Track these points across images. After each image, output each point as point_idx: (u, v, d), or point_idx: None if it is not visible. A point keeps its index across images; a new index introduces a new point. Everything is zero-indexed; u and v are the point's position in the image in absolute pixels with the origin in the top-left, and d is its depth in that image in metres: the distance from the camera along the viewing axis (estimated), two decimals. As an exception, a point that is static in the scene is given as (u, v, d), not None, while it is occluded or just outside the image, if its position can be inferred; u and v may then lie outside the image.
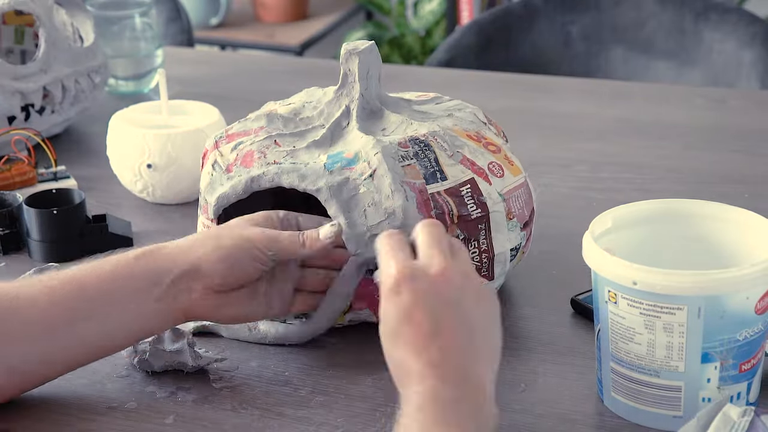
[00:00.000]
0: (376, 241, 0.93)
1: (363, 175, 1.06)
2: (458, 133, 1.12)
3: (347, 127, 1.12)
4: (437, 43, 3.36)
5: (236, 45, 3.36)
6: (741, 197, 1.36)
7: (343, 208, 1.06)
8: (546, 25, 2.08)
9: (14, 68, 1.49)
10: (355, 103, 1.12)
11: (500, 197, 1.09)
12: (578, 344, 1.09)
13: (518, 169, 1.13)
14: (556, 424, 0.99)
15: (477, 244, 1.08)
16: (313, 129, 1.13)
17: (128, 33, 1.72)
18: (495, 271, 1.10)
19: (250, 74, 1.85)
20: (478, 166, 1.10)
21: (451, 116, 1.15)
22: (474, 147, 1.11)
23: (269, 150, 1.11)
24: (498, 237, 1.09)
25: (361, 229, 1.06)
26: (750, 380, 0.97)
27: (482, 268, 1.10)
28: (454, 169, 1.08)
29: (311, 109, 1.15)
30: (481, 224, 1.08)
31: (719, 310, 0.93)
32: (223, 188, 1.11)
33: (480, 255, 1.09)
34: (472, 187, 1.08)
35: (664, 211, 1.04)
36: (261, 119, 1.14)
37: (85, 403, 1.03)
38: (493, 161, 1.11)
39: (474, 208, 1.07)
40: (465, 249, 0.93)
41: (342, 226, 1.05)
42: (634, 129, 1.60)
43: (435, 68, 1.99)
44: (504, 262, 1.11)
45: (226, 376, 1.05)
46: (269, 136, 1.12)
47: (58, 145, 1.52)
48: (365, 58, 1.12)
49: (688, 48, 2.00)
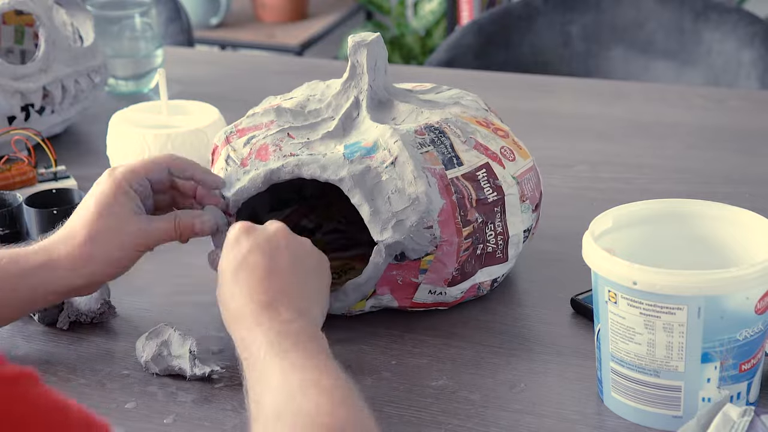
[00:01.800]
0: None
1: (384, 163, 1.08)
2: (468, 119, 1.14)
3: (358, 117, 1.14)
4: (437, 43, 3.36)
5: (236, 45, 3.36)
6: (741, 197, 1.36)
7: (366, 196, 1.07)
8: (546, 25, 2.08)
9: (14, 68, 1.49)
10: (364, 94, 1.14)
11: (514, 180, 1.12)
12: (578, 344, 1.09)
13: (526, 153, 1.16)
14: (556, 424, 0.99)
15: (493, 226, 1.10)
16: (323, 121, 1.14)
17: (128, 33, 1.72)
18: (509, 253, 1.13)
19: (250, 74, 1.85)
20: (491, 150, 1.12)
21: (457, 104, 1.17)
22: (485, 133, 1.13)
23: (284, 143, 1.12)
24: (512, 219, 1.11)
25: (387, 215, 1.06)
26: (750, 380, 0.97)
27: (497, 251, 1.11)
28: (468, 154, 1.10)
29: (316, 102, 1.17)
30: (497, 207, 1.10)
31: (719, 310, 0.93)
32: (240, 183, 1.11)
33: (495, 237, 1.11)
34: (487, 171, 1.10)
35: (664, 211, 1.05)
36: (270, 113, 1.15)
37: (85, 403, 1.03)
38: (504, 146, 1.14)
39: (490, 191, 1.10)
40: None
41: (220, 223, 1.09)
42: (634, 129, 1.60)
43: (435, 68, 1.99)
44: (517, 244, 1.13)
45: (226, 376, 1.05)
46: (282, 129, 1.13)
47: (58, 145, 1.52)
48: (373, 49, 1.13)
49: (688, 48, 2.00)
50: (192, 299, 1.19)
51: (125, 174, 1.07)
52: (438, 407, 1.01)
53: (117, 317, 1.15)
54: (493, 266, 1.12)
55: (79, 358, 1.10)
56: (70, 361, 1.09)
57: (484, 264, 1.12)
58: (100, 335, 1.13)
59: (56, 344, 1.12)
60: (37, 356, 1.10)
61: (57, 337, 1.13)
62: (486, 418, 1.00)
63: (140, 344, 1.07)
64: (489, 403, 1.02)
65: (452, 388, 1.04)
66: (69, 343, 1.12)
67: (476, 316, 1.14)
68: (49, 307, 1.13)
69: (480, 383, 1.04)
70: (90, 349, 1.11)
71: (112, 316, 1.14)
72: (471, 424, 0.99)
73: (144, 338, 1.07)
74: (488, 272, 1.13)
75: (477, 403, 1.02)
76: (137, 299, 1.19)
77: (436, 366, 1.07)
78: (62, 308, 1.13)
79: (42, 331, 1.14)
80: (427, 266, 1.08)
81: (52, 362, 1.09)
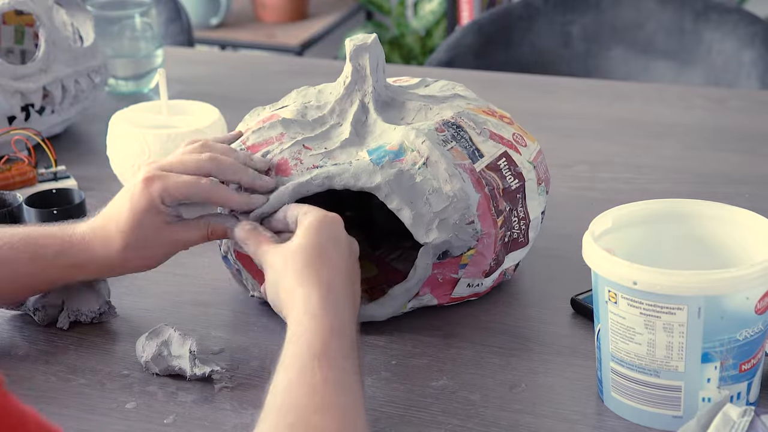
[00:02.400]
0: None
1: (416, 165, 1.07)
2: (476, 110, 1.15)
3: (367, 120, 1.13)
4: (437, 43, 3.36)
5: (236, 45, 3.36)
6: (741, 197, 1.36)
7: (405, 200, 1.06)
8: (546, 25, 2.08)
9: (14, 68, 1.49)
10: (369, 97, 1.13)
11: (531, 165, 1.13)
12: (578, 344, 1.09)
13: (532, 137, 1.17)
14: (556, 424, 0.99)
15: (516, 212, 1.12)
16: (332, 128, 1.13)
17: (128, 33, 1.72)
18: (530, 236, 1.14)
19: (250, 74, 1.85)
20: (506, 139, 1.13)
21: (457, 96, 1.17)
22: (495, 122, 1.14)
23: (302, 155, 1.10)
24: (531, 204, 1.13)
25: (429, 217, 1.06)
26: (750, 380, 0.97)
27: (520, 236, 1.13)
28: (486, 145, 1.11)
29: (315, 109, 1.15)
30: (519, 194, 1.12)
31: (719, 310, 0.93)
32: (269, 200, 1.08)
33: (519, 223, 1.12)
34: (507, 159, 1.11)
35: (664, 211, 1.05)
36: (277, 126, 1.12)
37: (84, 403, 1.03)
38: (515, 132, 1.15)
39: (512, 179, 1.11)
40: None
41: (242, 231, 1.07)
42: (634, 129, 1.60)
43: (435, 68, 1.99)
44: (536, 227, 1.15)
45: (226, 376, 1.05)
46: (296, 141, 1.11)
47: (58, 145, 1.52)
48: (374, 51, 1.13)
49: (688, 48, 2.00)
50: (192, 299, 1.19)
51: (162, 194, 1.06)
52: (438, 407, 1.01)
53: (117, 317, 1.15)
54: (516, 251, 1.14)
55: (79, 358, 1.10)
56: (70, 361, 1.09)
57: (510, 249, 1.13)
58: (100, 335, 1.13)
59: (56, 344, 1.12)
60: (37, 356, 1.10)
61: (57, 337, 1.12)
62: (486, 418, 1.00)
63: (140, 344, 1.07)
64: (489, 403, 1.02)
65: (452, 389, 1.04)
66: (69, 343, 1.12)
67: (476, 316, 1.14)
68: (49, 307, 1.13)
69: (480, 383, 1.04)
70: (90, 349, 1.11)
71: (112, 316, 1.14)
72: (471, 424, 0.99)
73: (144, 338, 1.07)
74: (512, 257, 1.14)
75: (477, 403, 1.02)
76: (137, 299, 1.19)
77: (436, 366, 1.07)
78: (62, 308, 1.13)
79: (42, 331, 1.14)
80: (467, 261, 1.09)
81: (52, 362, 1.09)
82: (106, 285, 1.14)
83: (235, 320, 1.15)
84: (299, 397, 0.88)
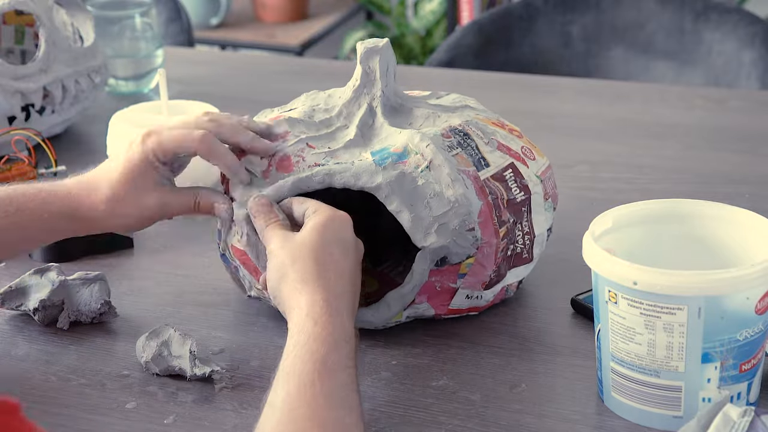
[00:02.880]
0: (249, 209, 1.05)
1: (419, 168, 1.07)
2: (485, 121, 1.14)
3: (374, 124, 1.12)
4: (437, 43, 3.36)
5: (236, 45, 3.36)
6: (741, 197, 1.36)
7: (405, 202, 1.06)
8: (546, 26, 2.08)
9: (14, 68, 1.49)
10: (377, 101, 1.13)
11: (538, 179, 1.12)
12: (578, 344, 1.09)
13: (541, 152, 1.16)
14: (556, 424, 0.99)
15: (521, 226, 1.10)
16: (338, 130, 1.12)
17: (128, 33, 1.72)
18: (534, 253, 1.13)
19: (250, 74, 1.85)
20: (513, 150, 1.12)
21: (467, 107, 1.16)
22: (504, 134, 1.14)
23: (305, 153, 1.10)
24: (537, 218, 1.12)
25: (428, 221, 1.06)
26: (750, 380, 0.97)
27: (524, 251, 1.12)
28: (493, 155, 1.10)
29: (323, 111, 1.14)
30: (524, 207, 1.11)
31: (719, 311, 0.93)
32: (266, 192, 1.09)
33: (523, 237, 1.11)
34: (513, 171, 1.10)
35: (664, 211, 1.05)
36: (283, 124, 1.12)
37: (84, 403, 1.03)
38: (524, 145, 1.14)
39: (518, 191, 1.10)
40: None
41: (231, 211, 1.08)
42: (634, 129, 1.60)
43: (435, 68, 1.99)
44: (542, 243, 1.14)
45: (226, 376, 1.05)
46: (300, 139, 1.11)
47: (58, 145, 1.52)
48: (385, 55, 1.12)
49: (688, 48, 2.00)
50: (192, 299, 1.18)
51: (155, 148, 1.07)
52: (438, 407, 1.01)
53: (117, 317, 1.15)
54: (519, 267, 1.12)
55: (79, 358, 1.09)
56: (70, 361, 1.09)
57: (513, 264, 1.12)
58: (100, 335, 1.13)
59: (56, 344, 1.12)
60: (37, 356, 1.10)
61: (57, 337, 1.12)
62: (486, 418, 1.00)
63: (140, 344, 1.07)
64: (489, 403, 1.02)
65: (452, 388, 1.04)
66: (69, 343, 1.12)
67: (476, 316, 1.14)
68: (49, 307, 1.13)
69: (480, 383, 1.04)
70: (90, 349, 1.11)
71: (112, 316, 1.14)
72: (471, 425, 0.99)
73: (144, 338, 1.07)
74: (516, 273, 1.12)
75: (477, 403, 1.02)
76: (137, 299, 1.19)
77: (437, 366, 1.07)
78: (62, 308, 1.13)
79: (42, 331, 1.13)
80: (466, 270, 1.08)
81: (52, 362, 1.09)
82: (106, 285, 1.14)
83: (235, 320, 1.15)
84: (297, 408, 0.88)
